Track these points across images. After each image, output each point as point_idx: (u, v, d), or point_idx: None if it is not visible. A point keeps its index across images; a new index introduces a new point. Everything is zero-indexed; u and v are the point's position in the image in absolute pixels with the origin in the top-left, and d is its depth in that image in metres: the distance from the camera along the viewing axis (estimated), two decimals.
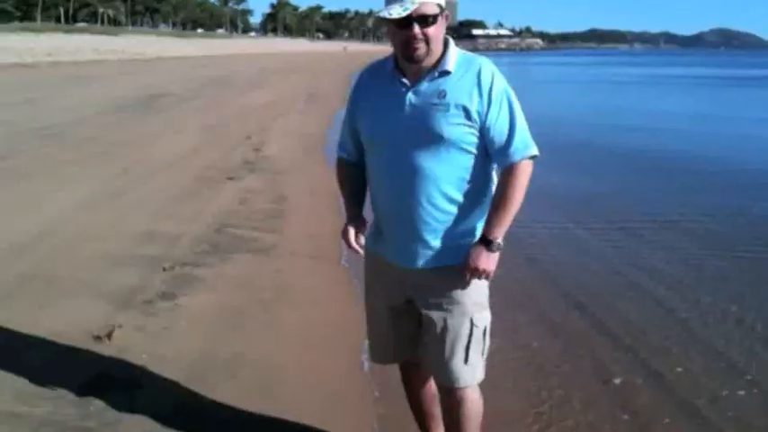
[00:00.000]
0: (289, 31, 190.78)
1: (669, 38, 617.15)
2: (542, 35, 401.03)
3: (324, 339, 4.28)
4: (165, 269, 5.41)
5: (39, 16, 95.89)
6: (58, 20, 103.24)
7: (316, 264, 5.75)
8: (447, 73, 2.36)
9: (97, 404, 3.38)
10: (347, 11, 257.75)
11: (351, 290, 4.99)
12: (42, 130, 12.78)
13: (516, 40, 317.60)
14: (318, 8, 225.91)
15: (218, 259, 5.75)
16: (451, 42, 2.43)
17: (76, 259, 5.58)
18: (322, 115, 16.44)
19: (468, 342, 2.50)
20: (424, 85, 2.37)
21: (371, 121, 2.49)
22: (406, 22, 2.27)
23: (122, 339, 4.11)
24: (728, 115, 21.86)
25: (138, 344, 4.07)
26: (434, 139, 2.33)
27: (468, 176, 2.40)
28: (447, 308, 2.49)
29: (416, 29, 2.27)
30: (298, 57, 74.37)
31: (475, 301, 2.50)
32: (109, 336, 4.13)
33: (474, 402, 2.60)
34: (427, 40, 2.30)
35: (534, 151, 2.40)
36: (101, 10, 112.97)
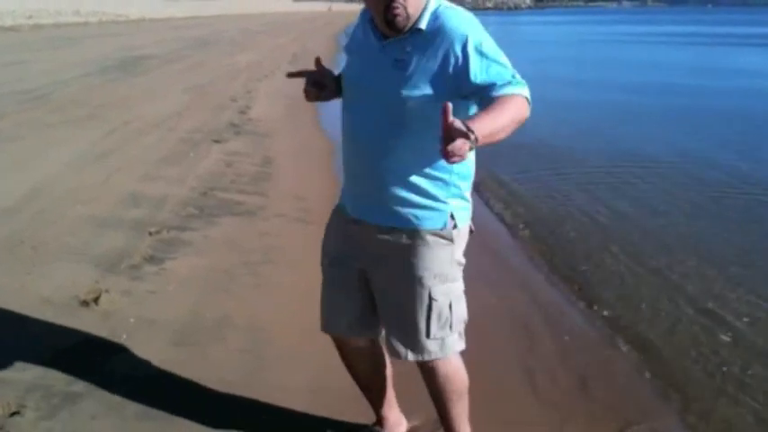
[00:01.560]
0: None
1: None
2: None
3: (311, 301, 4.27)
4: (151, 233, 5.38)
5: None
6: None
7: (303, 226, 5.74)
8: (419, 31, 2.21)
9: (84, 368, 3.38)
10: None
11: None
12: (26, 93, 12.58)
13: None
14: None
15: (204, 222, 5.72)
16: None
17: (62, 223, 5.54)
18: None
19: (427, 319, 2.37)
20: (397, 42, 2.23)
21: (347, 73, 2.43)
22: None
23: (109, 304, 4.10)
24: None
25: (124, 308, 4.06)
26: (396, 102, 2.21)
27: (428, 145, 2.13)
28: (399, 279, 2.38)
29: None
30: (283, 16, 73.21)
31: (435, 272, 2.34)
32: (96, 300, 4.11)
33: (448, 375, 2.51)
34: (405, 5, 2.16)
35: (523, 90, 2.13)
36: None
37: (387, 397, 2.86)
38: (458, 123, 1.84)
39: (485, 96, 2.13)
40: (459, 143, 1.83)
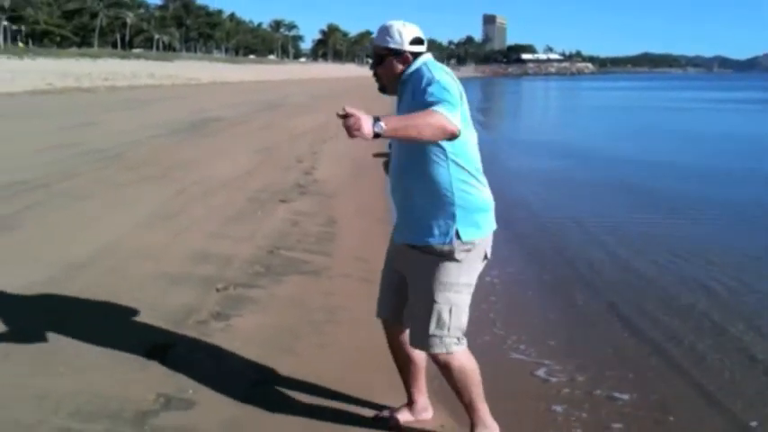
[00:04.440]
0: (339, 57, 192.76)
1: (722, 62, 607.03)
2: (593, 59, 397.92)
3: (377, 361, 4.25)
4: (218, 290, 5.46)
5: (96, 42, 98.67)
6: (114, 46, 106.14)
7: (367, 286, 5.73)
8: (404, 83, 3.01)
9: (152, 423, 3.41)
10: None
11: None
12: (99, 152, 13.09)
13: (566, 64, 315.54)
14: (368, 33, 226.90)
15: (270, 281, 5.78)
16: (420, 59, 2.99)
17: (133, 279, 5.67)
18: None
19: (429, 317, 2.96)
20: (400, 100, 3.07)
21: None
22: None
23: (177, 359, 4.14)
24: None
25: (192, 364, 4.10)
26: (407, 149, 2.96)
27: (426, 178, 2.91)
28: (416, 284, 3.04)
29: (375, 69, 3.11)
30: (347, 81, 74.89)
31: (441, 281, 2.95)
32: (164, 355, 4.17)
33: (457, 368, 3.04)
34: (380, 77, 3.12)
35: (443, 111, 2.65)
36: (156, 36, 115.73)
37: (418, 383, 3.45)
38: (351, 110, 2.58)
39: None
40: (351, 121, 2.55)
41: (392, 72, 3.03)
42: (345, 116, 2.56)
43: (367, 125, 2.54)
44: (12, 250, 6.45)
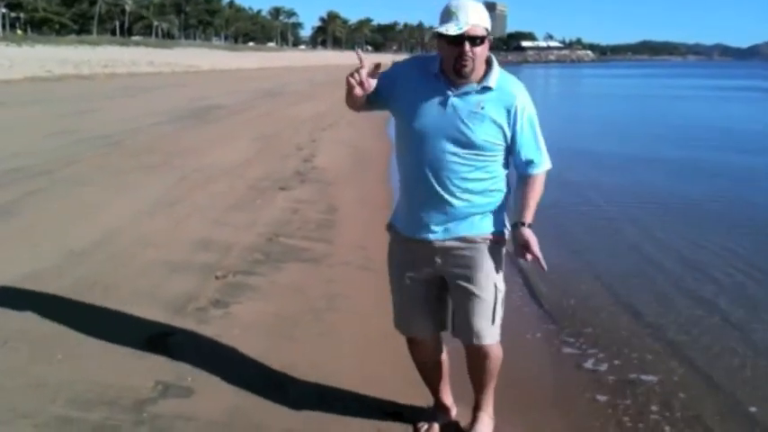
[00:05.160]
0: (338, 44, 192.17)
1: (723, 50, 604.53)
2: (593, 47, 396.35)
3: (376, 349, 4.25)
4: (217, 277, 5.45)
5: (95, 29, 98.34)
6: (113, 33, 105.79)
7: (367, 274, 5.73)
8: (488, 89, 2.78)
9: (150, 410, 3.41)
10: (396, 23, 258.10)
11: None
12: (101, 139, 13.06)
13: (566, 51, 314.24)
14: (368, 21, 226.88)
15: (270, 268, 5.77)
16: (495, 62, 2.83)
17: (134, 266, 5.66)
18: (371, 126, 16.44)
19: (495, 304, 2.97)
20: (468, 95, 2.79)
21: (415, 112, 2.84)
22: (458, 40, 2.67)
23: (176, 347, 4.14)
24: None
25: (191, 351, 4.09)
26: (467, 144, 2.79)
27: (485, 175, 2.86)
28: (473, 275, 2.93)
29: (467, 46, 2.68)
30: (347, 69, 74.11)
31: (496, 268, 2.96)
32: (163, 343, 4.16)
33: (496, 355, 3.09)
34: (474, 58, 2.71)
35: (549, 166, 2.95)
36: (155, 23, 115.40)
37: (445, 385, 3.41)
38: (525, 242, 2.80)
39: (521, 164, 2.92)
40: (531, 243, 2.79)
41: (485, 56, 2.79)
42: (522, 250, 2.82)
43: (534, 236, 2.82)
44: (12, 237, 6.43)
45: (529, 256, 2.79)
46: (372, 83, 2.77)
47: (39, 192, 8.34)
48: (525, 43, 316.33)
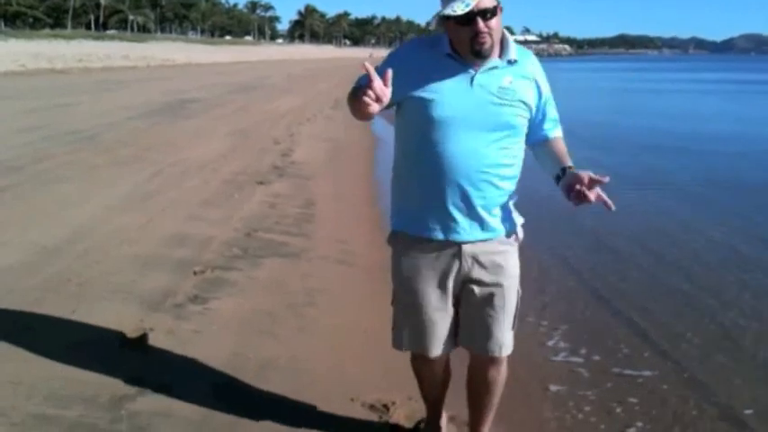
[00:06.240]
0: (316, 38, 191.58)
1: (699, 43, 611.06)
2: (570, 41, 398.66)
3: (355, 344, 4.24)
4: (195, 273, 5.40)
5: (69, 23, 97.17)
6: (88, 27, 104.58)
7: (346, 269, 5.72)
8: (514, 61, 2.52)
9: (128, 408, 3.37)
10: (374, 17, 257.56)
11: (382, 295, 4.93)
12: (75, 134, 12.89)
13: (544, 45, 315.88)
14: (346, 15, 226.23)
15: (248, 263, 5.73)
16: (506, 32, 2.53)
17: (108, 262, 5.59)
18: (349, 120, 16.31)
19: (515, 313, 2.71)
20: (494, 70, 2.49)
21: (434, 99, 2.47)
22: (467, 19, 2.34)
23: (154, 343, 4.10)
24: None
25: (168, 348, 4.05)
26: (499, 125, 2.49)
27: (512, 160, 2.58)
28: (502, 281, 2.65)
29: (480, 23, 2.36)
30: (324, 63, 74.53)
31: (517, 271, 2.71)
32: (140, 339, 4.12)
33: (506, 369, 2.83)
34: (491, 33, 2.39)
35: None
36: (131, 17, 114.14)
37: (443, 398, 3.12)
38: (588, 177, 2.40)
39: (546, 129, 2.66)
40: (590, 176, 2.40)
41: (501, 28, 2.47)
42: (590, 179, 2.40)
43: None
44: None
45: (592, 195, 2.38)
46: (388, 92, 2.31)
47: (9, 188, 8.20)
48: None
